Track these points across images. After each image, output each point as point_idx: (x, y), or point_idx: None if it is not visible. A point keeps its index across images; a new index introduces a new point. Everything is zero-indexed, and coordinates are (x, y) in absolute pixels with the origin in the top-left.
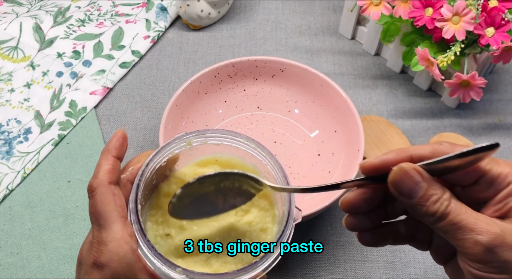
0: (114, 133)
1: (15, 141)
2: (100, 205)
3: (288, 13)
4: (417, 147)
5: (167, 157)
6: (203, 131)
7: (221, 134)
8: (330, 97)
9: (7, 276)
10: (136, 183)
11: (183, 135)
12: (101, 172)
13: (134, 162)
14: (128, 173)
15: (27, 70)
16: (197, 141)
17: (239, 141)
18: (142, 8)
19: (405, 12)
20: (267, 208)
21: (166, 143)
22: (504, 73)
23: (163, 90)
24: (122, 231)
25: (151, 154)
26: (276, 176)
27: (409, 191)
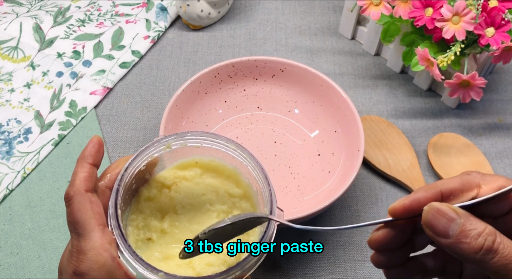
0: (90, 139)
1: (15, 141)
2: (78, 214)
3: (288, 13)
4: (445, 181)
5: (147, 161)
6: (182, 134)
7: (200, 137)
8: (330, 97)
9: (7, 276)
10: (116, 188)
11: (162, 138)
12: (77, 180)
13: (112, 168)
14: (107, 179)
15: (27, 70)
16: (177, 144)
17: (219, 143)
18: (142, 8)
19: (405, 12)
20: (249, 209)
21: (145, 147)
22: (504, 73)
23: (163, 90)
24: (101, 239)
25: (130, 158)
26: (257, 177)
27: (445, 230)
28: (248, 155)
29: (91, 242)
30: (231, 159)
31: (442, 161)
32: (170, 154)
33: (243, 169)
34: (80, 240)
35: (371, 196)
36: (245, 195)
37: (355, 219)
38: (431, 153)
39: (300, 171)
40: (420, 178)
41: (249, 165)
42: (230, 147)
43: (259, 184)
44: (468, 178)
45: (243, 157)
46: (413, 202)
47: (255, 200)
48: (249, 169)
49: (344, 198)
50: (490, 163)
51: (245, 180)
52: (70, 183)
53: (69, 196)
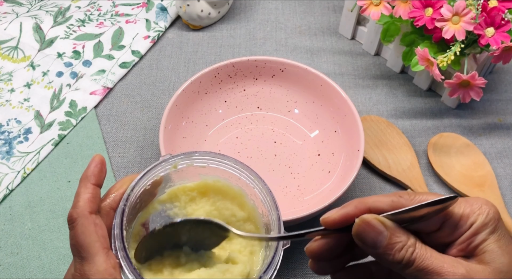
0: (92, 159)
1: (15, 141)
2: (81, 237)
3: (288, 13)
4: (376, 199)
5: (152, 180)
6: (189, 154)
7: (208, 157)
8: (330, 97)
9: (7, 276)
10: (122, 208)
11: (170, 158)
12: (80, 201)
13: (116, 188)
14: (111, 200)
15: (27, 70)
16: (183, 163)
17: (226, 163)
18: (142, 8)
19: (405, 12)
20: (253, 231)
21: (152, 166)
22: (504, 73)
23: (163, 90)
24: (105, 263)
25: (137, 177)
26: (263, 199)
27: (373, 242)
28: (255, 177)
29: (96, 266)
30: (237, 180)
31: (442, 161)
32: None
33: (248, 191)
34: (83, 264)
35: None
36: (249, 218)
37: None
38: (431, 153)
39: (300, 171)
40: (420, 178)
41: (256, 187)
42: (237, 168)
43: (265, 207)
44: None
45: (250, 179)
46: (342, 216)
47: (259, 223)
48: (255, 191)
49: (344, 198)
50: (490, 163)
51: (250, 202)
52: (73, 205)
53: (72, 218)
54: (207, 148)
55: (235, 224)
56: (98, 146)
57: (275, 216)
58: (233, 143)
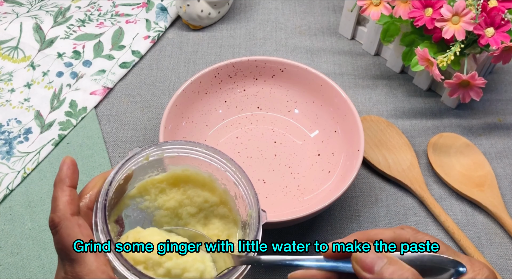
0: (62, 161)
1: (15, 141)
2: (68, 240)
3: (288, 13)
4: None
5: (125, 174)
6: (159, 145)
7: (178, 145)
8: (330, 97)
9: (7, 276)
10: (103, 203)
11: (140, 151)
12: (60, 204)
13: (90, 187)
14: (87, 200)
15: (27, 70)
16: (154, 155)
17: (197, 150)
18: (142, 8)
19: (405, 12)
20: (227, 214)
21: (126, 159)
22: (504, 73)
23: (163, 90)
24: (96, 262)
25: (113, 172)
26: (237, 181)
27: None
28: (227, 160)
29: (87, 266)
30: (207, 166)
31: (442, 161)
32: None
33: (219, 175)
34: (74, 266)
35: (371, 196)
36: (221, 202)
37: (355, 219)
38: (431, 153)
39: (300, 171)
40: (419, 178)
41: (228, 170)
42: (207, 154)
43: (239, 188)
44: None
45: (222, 163)
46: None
47: (232, 205)
48: (227, 175)
49: (344, 198)
50: (490, 163)
51: (221, 186)
52: (53, 209)
53: (55, 222)
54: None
55: (208, 210)
56: (98, 146)
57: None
58: (233, 143)
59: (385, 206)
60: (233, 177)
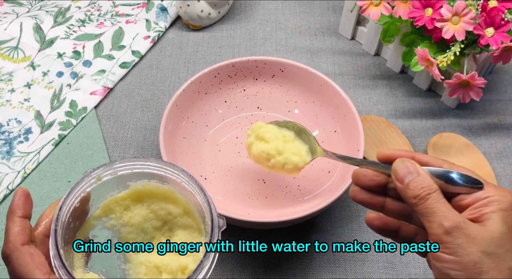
0: (14, 193)
1: (16, 141)
2: (19, 269)
3: (288, 13)
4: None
5: (80, 197)
6: (110, 163)
7: (129, 163)
8: (330, 97)
9: (7, 276)
10: (54, 228)
11: (91, 171)
12: (11, 236)
13: (46, 215)
14: (43, 227)
15: (28, 70)
16: (107, 174)
17: (149, 165)
18: (142, 8)
19: (405, 12)
20: (191, 224)
21: (76, 183)
22: (504, 73)
23: (163, 90)
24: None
25: (63, 197)
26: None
27: (402, 177)
28: (180, 171)
29: None
30: (164, 179)
31: None
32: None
33: (177, 186)
34: None
35: None
36: (185, 212)
37: (355, 219)
38: (431, 153)
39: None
40: None
41: (183, 180)
42: (159, 167)
43: (196, 196)
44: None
45: (175, 174)
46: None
47: (196, 214)
48: (183, 185)
49: (344, 198)
50: (489, 163)
51: (183, 197)
52: (4, 241)
53: (6, 254)
54: (207, 148)
55: (172, 221)
56: (98, 146)
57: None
58: (233, 143)
59: None
60: (189, 187)
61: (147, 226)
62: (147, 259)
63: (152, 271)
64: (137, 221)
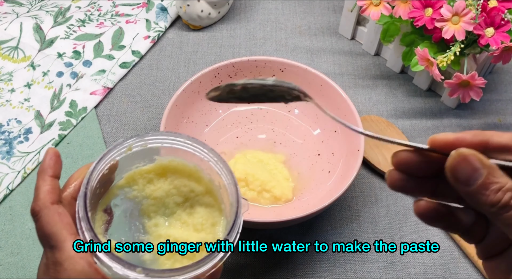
0: (46, 152)
1: (16, 141)
2: (47, 227)
3: (288, 13)
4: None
5: (109, 164)
6: (142, 135)
7: (161, 136)
8: (330, 97)
9: (7, 276)
10: (83, 191)
11: (123, 141)
12: (41, 194)
13: (75, 178)
14: (71, 189)
15: (28, 70)
16: (137, 145)
17: (179, 141)
18: (142, 8)
19: (405, 12)
20: (212, 203)
21: (107, 150)
22: (504, 73)
23: (163, 90)
24: None
25: (94, 162)
26: (219, 171)
27: (467, 178)
28: (209, 150)
29: (66, 252)
30: (191, 157)
31: None
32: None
33: (204, 165)
34: (54, 252)
35: (371, 196)
36: (207, 191)
37: (355, 219)
38: None
39: (300, 171)
40: None
41: (211, 160)
42: (189, 144)
43: (222, 177)
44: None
45: (204, 153)
46: (457, 139)
47: (217, 194)
48: (210, 164)
49: (344, 198)
50: None
51: (207, 176)
52: (34, 198)
53: (35, 211)
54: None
55: (194, 199)
56: (98, 146)
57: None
58: (233, 143)
59: (385, 206)
60: (215, 167)
61: (168, 201)
62: (166, 233)
63: None
64: (159, 195)
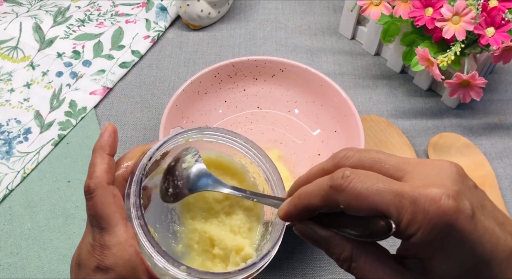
0: (104, 128)
1: (15, 141)
2: (101, 208)
3: (288, 13)
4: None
5: (163, 151)
6: (203, 129)
7: (219, 133)
8: (330, 97)
9: (7, 276)
10: (139, 177)
11: (183, 131)
12: (97, 171)
13: (128, 158)
14: (124, 170)
15: (27, 70)
16: (194, 137)
17: (236, 141)
18: (142, 8)
19: (405, 12)
20: (251, 208)
21: (167, 138)
22: (504, 73)
23: (163, 90)
24: (125, 234)
25: (153, 148)
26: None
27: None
28: (264, 157)
29: (116, 237)
30: (241, 158)
31: None
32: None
33: (252, 169)
34: (103, 234)
35: None
36: None
37: None
38: (431, 153)
39: (300, 171)
40: None
41: (262, 166)
42: (245, 146)
43: (269, 184)
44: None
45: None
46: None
47: None
48: (259, 170)
49: None
50: (490, 163)
51: (251, 179)
52: (89, 175)
53: (90, 189)
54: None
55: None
56: None
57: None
58: None
59: None
60: (265, 174)
61: (208, 195)
62: (202, 229)
63: (205, 242)
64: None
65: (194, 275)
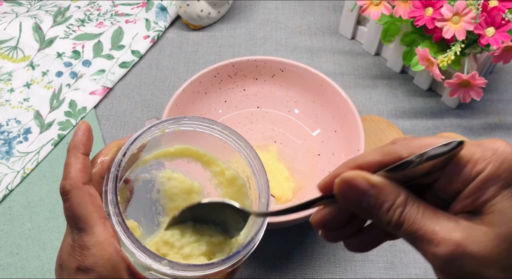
0: (78, 126)
1: (15, 141)
2: (78, 209)
3: (288, 13)
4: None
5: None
6: (178, 118)
7: (196, 121)
8: (330, 97)
9: (7, 276)
10: (115, 173)
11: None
12: (72, 172)
13: (103, 154)
14: (99, 167)
15: (27, 70)
16: (171, 128)
17: (214, 128)
18: (142, 8)
19: (405, 12)
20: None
21: (142, 131)
22: (504, 73)
23: (163, 90)
24: (104, 233)
25: (127, 143)
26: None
27: (358, 203)
28: (243, 142)
29: (95, 237)
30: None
31: None
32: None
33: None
34: (82, 235)
35: None
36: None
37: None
38: None
39: (300, 171)
40: None
41: (242, 152)
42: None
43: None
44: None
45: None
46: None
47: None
48: (240, 155)
49: None
50: None
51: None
52: (64, 176)
53: (66, 190)
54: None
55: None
56: (98, 146)
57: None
58: None
59: None
60: (246, 159)
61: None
62: None
63: None
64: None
65: (177, 269)
